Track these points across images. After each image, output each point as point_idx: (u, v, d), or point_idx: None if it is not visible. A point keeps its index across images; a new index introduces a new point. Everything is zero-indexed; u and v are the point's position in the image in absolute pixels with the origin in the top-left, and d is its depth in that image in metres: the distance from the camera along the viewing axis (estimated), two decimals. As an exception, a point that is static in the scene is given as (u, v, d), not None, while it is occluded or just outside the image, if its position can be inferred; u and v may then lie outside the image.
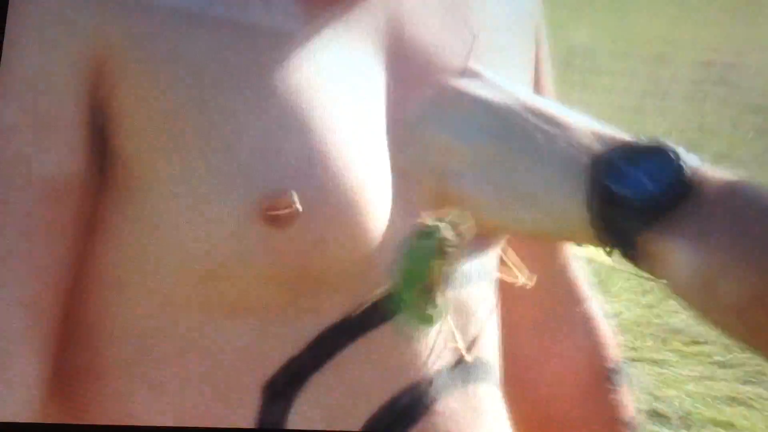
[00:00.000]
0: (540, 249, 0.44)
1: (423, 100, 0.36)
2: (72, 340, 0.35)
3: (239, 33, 0.34)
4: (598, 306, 0.51)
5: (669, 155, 0.32)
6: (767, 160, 3.04)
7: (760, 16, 5.31)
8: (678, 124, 3.14)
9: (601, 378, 0.51)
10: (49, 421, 0.36)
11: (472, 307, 0.38)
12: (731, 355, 1.93)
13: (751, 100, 3.91)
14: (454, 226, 0.33)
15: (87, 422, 0.37)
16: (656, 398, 1.95)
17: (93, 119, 0.34)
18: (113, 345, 0.35)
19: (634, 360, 2.07)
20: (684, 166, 0.32)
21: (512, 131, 0.34)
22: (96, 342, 0.36)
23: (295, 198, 0.32)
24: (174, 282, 0.34)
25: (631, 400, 0.53)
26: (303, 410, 0.35)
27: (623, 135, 0.34)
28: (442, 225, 0.33)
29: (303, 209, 0.32)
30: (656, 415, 1.87)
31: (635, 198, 0.31)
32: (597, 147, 0.33)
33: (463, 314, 0.38)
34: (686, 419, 1.79)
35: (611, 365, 0.51)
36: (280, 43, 0.34)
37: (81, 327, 0.35)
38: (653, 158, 0.32)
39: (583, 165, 0.32)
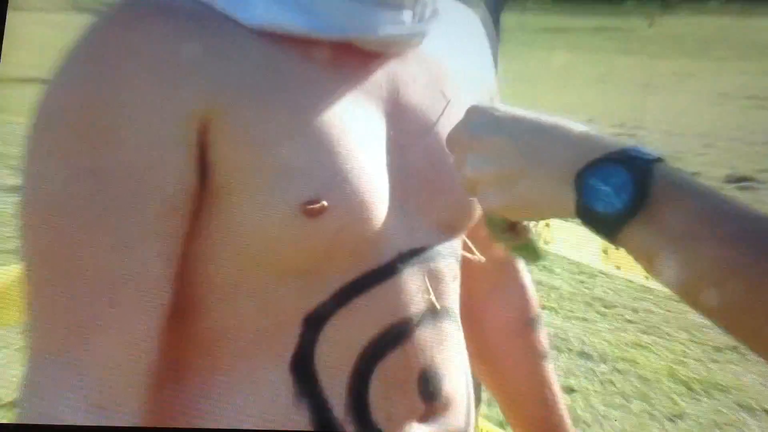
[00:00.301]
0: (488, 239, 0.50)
1: (418, 143, 0.51)
2: (179, 306, 0.47)
3: (327, 65, 0.48)
4: (528, 277, 0.67)
5: (633, 168, 0.36)
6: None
7: (655, 90, 6.89)
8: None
9: (525, 323, 0.66)
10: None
11: (443, 274, 0.52)
12: (636, 315, 2.70)
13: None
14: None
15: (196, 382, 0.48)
16: (584, 343, 2.66)
17: (200, 157, 0.45)
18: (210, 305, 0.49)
19: (569, 318, 2.86)
20: (645, 177, 0.35)
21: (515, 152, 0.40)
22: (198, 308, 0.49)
23: (324, 201, 0.46)
24: (249, 255, 0.47)
25: (545, 339, 0.67)
26: (327, 336, 0.48)
27: (601, 144, 0.38)
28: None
29: (329, 207, 0.46)
30: (584, 354, 2.61)
31: (607, 212, 0.36)
32: (579, 162, 0.37)
33: (436, 279, 0.51)
34: (603, 356, 2.47)
35: (532, 316, 0.67)
36: (320, 93, 0.48)
37: (187, 298, 0.48)
38: (619, 173, 0.36)
39: (569, 183, 0.37)
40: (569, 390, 2.17)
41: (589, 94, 7.01)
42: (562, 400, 0.68)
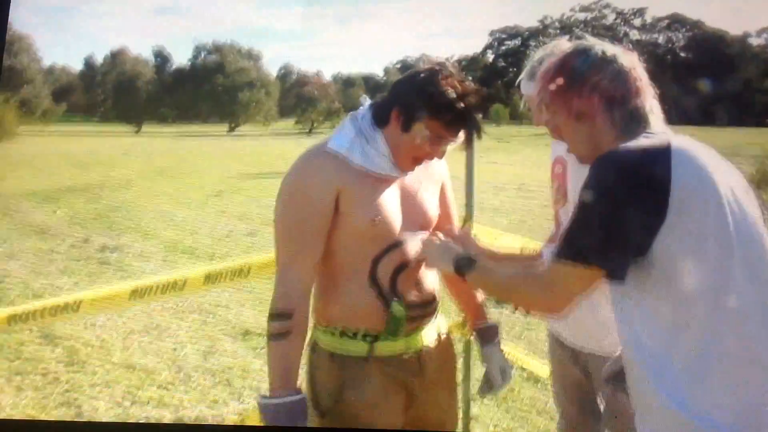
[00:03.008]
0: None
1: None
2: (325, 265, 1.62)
3: (380, 178, 1.59)
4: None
5: (465, 263, 1.49)
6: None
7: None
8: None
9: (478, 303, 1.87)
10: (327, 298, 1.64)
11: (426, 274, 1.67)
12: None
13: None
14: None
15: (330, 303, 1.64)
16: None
17: (334, 204, 1.55)
18: (341, 265, 1.62)
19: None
20: (468, 264, 1.47)
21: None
22: (334, 265, 1.62)
23: (378, 219, 1.56)
24: (355, 244, 1.59)
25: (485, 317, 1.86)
26: (380, 266, 1.59)
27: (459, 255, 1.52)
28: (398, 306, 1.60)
29: (378, 222, 1.57)
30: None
31: (464, 273, 1.49)
32: (456, 257, 1.51)
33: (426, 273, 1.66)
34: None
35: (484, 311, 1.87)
36: (388, 179, 1.62)
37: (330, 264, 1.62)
38: (465, 262, 1.48)
39: (454, 263, 1.51)
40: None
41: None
42: (478, 298, 1.83)
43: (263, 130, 47.31)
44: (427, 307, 1.64)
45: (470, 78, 1.58)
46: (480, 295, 1.82)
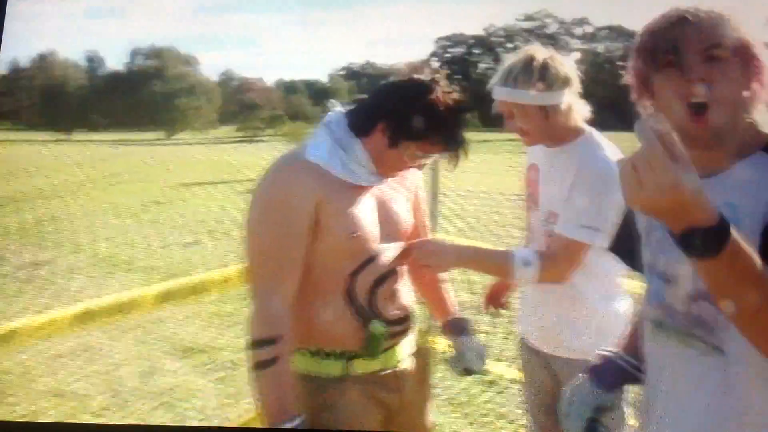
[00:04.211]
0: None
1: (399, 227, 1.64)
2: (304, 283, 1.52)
3: (357, 187, 1.54)
4: (451, 289, 1.84)
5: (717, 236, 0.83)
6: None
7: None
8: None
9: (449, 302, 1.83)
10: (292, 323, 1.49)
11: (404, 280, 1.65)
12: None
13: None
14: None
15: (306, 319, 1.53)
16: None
17: (314, 217, 1.48)
18: (316, 283, 1.54)
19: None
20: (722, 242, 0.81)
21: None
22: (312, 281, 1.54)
23: (356, 234, 1.51)
24: (332, 260, 1.53)
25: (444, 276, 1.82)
26: (358, 280, 1.54)
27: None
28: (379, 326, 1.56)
29: (356, 236, 1.51)
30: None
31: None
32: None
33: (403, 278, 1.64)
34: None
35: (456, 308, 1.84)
36: (365, 188, 1.56)
37: (306, 284, 1.53)
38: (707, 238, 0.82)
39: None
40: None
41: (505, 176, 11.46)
42: (449, 297, 1.82)
43: (203, 138, 46.63)
44: (405, 322, 1.63)
45: (455, 85, 1.53)
46: (447, 291, 1.83)
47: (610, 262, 1.70)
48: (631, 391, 1.35)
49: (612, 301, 1.86)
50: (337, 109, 1.59)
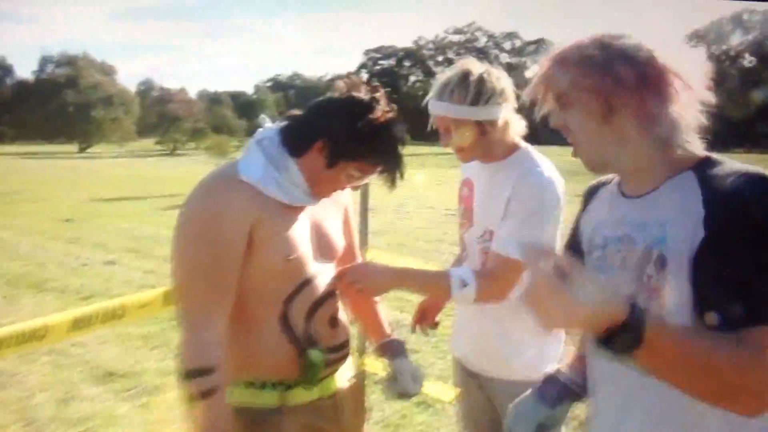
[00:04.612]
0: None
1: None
2: (237, 309, 1.45)
3: (292, 207, 1.48)
4: (383, 308, 1.81)
5: (636, 325, 0.86)
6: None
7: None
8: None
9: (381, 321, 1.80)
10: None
11: (331, 276, 1.58)
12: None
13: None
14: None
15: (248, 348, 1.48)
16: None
17: (249, 238, 1.41)
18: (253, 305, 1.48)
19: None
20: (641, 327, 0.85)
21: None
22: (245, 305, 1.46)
23: (292, 257, 1.45)
24: (266, 284, 1.46)
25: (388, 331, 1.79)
26: (293, 306, 1.48)
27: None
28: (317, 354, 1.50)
29: (292, 259, 1.46)
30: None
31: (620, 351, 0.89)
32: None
33: (329, 278, 1.57)
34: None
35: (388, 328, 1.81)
36: (299, 209, 1.51)
37: (241, 309, 1.46)
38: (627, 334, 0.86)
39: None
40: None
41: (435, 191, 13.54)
42: (383, 318, 1.78)
43: (119, 151, 45.15)
44: (343, 348, 1.59)
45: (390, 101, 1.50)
46: (381, 311, 1.80)
47: (463, 269, 1.75)
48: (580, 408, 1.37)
49: None
50: (268, 125, 1.54)
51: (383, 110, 1.44)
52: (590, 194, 1.28)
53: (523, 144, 1.84)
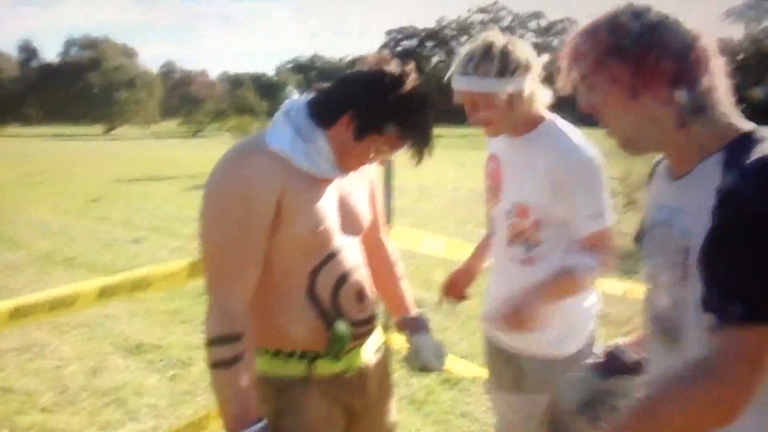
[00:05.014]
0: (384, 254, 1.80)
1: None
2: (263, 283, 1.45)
3: (319, 179, 1.47)
4: (393, 246, 1.84)
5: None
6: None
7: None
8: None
9: (390, 262, 1.81)
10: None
11: (358, 249, 1.59)
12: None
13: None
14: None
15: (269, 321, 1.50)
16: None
17: (275, 210, 1.40)
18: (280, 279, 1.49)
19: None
20: None
21: None
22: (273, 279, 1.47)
23: (320, 229, 1.46)
24: (293, 256, 1.47)
25: (400, 268, 1.83)
26: (319, 279, 1.48)
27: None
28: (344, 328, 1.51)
29: (320, 232, 1.46)
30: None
31: None
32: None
33: (357, 251, 1.58)
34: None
35: (393, 258, 1.82)
36: (327, 182, 1.50)
37: (267, 282, 1.46)
38: None
39: None
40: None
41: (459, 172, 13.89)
42: (406, 294, 1.79)
43: (143, 132, 45.49)
44: (370, 322, 1.59)
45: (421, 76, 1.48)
46: (404, 288, 1.81)
47: (578, 257, 1.75)
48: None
49: (581, 296, 1.85)
50: (296, 97, 1.53)
51: (414, 83, 1.43)
52: (653, 171, 1.24)
53: (550, 115, 1.83)
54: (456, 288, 2.12)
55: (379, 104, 1.41)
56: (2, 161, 18.49)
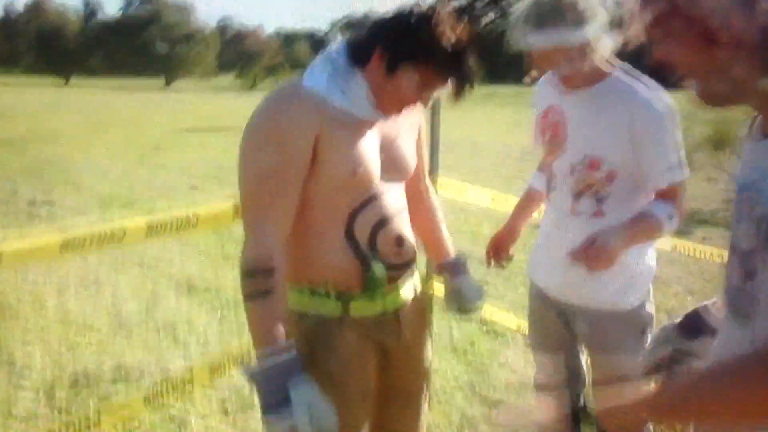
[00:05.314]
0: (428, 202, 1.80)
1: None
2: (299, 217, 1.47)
3: (359, 121, 1.48)
4: (433, 193, 1.84)
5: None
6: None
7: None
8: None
9: (432, 208, 1.81)
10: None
11: (401, 195, 1.60)
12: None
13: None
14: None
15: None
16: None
17: (313, 149, 1.42)
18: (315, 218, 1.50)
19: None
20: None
21: None
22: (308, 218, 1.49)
23: (359, 170, 1.46)
24: (331, 197, 1.48)
25: (440, 213, 1.82)
26: (358, 220, 1.49)
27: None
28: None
29: (358, 173, 1.46)
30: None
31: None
32: None
33: (399, 196, 1.59)
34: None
35: (435, 204, 1.83)
36: (368, 123, 1.50)
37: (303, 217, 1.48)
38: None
39: None
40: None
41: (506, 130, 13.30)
42: (446, 238, 1.78)
43: (202, 85, 46.20)
44: (407, 266, 1.59)
45: (470, 23, 1.46)
46: (444, 232, 1.80)
47: (659, 204, 1.74)
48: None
49: (642, 251, 1.83)
50: (340, 39, 1.54)
51: (448, 21, 1.41)
52: (750, 127, 1.10)
53: (617, 63, 1.79)
54: (501, 248, 2.12)
55: (407, 36, 1.41)
56: (68, 110, 19.00)
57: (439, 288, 2.11)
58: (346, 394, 1.48)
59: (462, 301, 1.73)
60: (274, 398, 1.32)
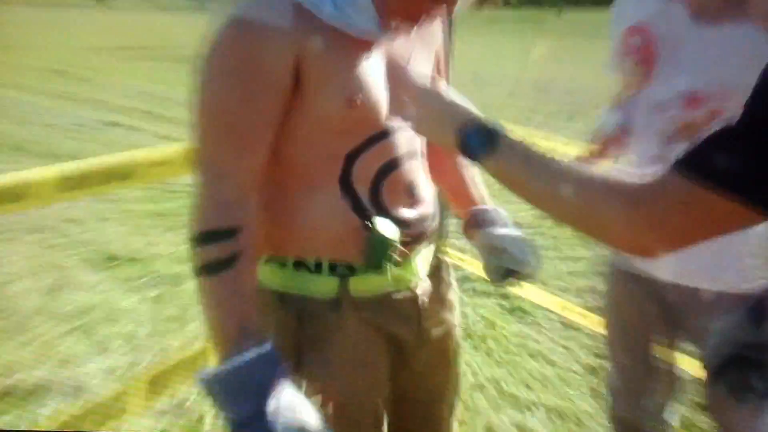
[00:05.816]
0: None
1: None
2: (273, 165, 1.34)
3: (359, 41, 1.31)
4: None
5: (490, 130, 1.11)
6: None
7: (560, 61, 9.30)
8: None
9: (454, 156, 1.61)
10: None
11: (414, 134, 1.41)
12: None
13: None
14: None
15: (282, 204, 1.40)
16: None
17: (293, 73, 1.27)
18: (294, 165, 1.38)
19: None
20: (495, 133, 1.10)
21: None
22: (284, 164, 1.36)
23: (357, 99, 1.30)
24: (322, 135, 1.33)
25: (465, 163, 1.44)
26: (357, 165, 1.35)
27: (475, 114, 1.18)
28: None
29: (357, 103, 1.30)
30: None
31: (476, 154, 1.11)
32: (465, 122, 1.15)
33: (411, 136, 1.42)
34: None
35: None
36: (369, 44, 1.35)
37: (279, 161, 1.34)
38: (484, 133, 1.11)
39: (459, 133, 1.14)
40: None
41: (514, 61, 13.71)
42: (478, 185, 1.70)
43: (142, 2, 47.88)
44: (423, 223, 1.50)
45: None
46: (476, 178, 1.74)
47: None
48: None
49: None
50: None
51: None
52: None
53: None
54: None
55: None
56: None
57: (453, 255, 1.95)
58: (348, 410, 1.41)
59: (511, 262, 1.62)
60: (245, 412, 1.21)
